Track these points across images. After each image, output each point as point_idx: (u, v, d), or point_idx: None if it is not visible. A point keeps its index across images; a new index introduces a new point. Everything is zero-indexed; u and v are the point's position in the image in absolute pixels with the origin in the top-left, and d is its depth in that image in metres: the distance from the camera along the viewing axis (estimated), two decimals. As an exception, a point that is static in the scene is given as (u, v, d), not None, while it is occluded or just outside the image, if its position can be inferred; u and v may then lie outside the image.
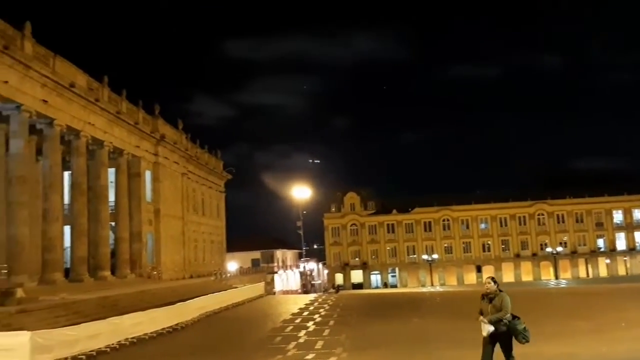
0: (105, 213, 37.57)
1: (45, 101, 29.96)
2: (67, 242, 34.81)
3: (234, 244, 73.46)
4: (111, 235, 39.13)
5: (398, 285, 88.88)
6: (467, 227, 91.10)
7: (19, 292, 21.80)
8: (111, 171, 39.62)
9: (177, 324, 23.88)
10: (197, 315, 27.19)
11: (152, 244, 45.17)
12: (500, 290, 10.17)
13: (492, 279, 10.41)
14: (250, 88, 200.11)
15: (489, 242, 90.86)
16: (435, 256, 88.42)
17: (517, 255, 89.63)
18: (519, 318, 9.99)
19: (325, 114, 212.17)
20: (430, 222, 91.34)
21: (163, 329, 22.50)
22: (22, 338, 14.70)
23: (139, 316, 21.35)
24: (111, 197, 39.44)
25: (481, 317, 10.01)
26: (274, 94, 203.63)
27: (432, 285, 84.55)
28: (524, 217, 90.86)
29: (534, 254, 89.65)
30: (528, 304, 24.18)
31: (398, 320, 25.14)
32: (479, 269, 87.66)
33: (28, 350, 14.53)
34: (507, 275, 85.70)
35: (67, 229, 34.58)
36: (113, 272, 37.99)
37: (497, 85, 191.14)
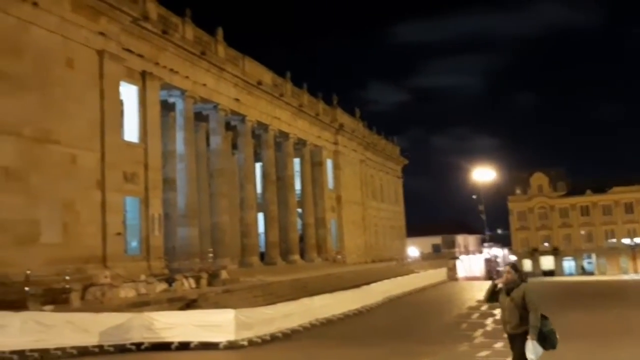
0: (293, 200, 40.13)
1: (237, 100, 32.80)
2: (260, 228, 37.79)
3: (414, 229, 73.53)
4: (299, 222, 41.64)
5: (595, 272, 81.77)
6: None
7: (224, 274, 24.25)
8: (296, 161, 42.11)
9: (362, 307, 24.71)
10: (381, 299, 27.85)
11: (336, 229, 47.14)
12: (523, 281, 8.15)
13: (513, 266, 8.37)
14: (425, 71, 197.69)
15: None
16: (638, 240, 79.63)
17: None
18: (546, 318, 8.08)
19: (506, 91, 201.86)
20: (631, 203, 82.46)
21: (349, 310, 23.42)
22: (228, 315, 16.33)
23: (327, 298, 22.48)
24: (297, 185, 41.97)
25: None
26: (449, 76, 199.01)
27: (635, 272, 76.35)
28: None
29: None
30: None
31: (601, 309, 23.17)
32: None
33: (233, 326, 16.13)
34: None
35: (260, 216, 37.54)
36: (302, 256, 40.47)
37: None
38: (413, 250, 70.38)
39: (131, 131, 24.80)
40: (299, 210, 41.83)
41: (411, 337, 18.33)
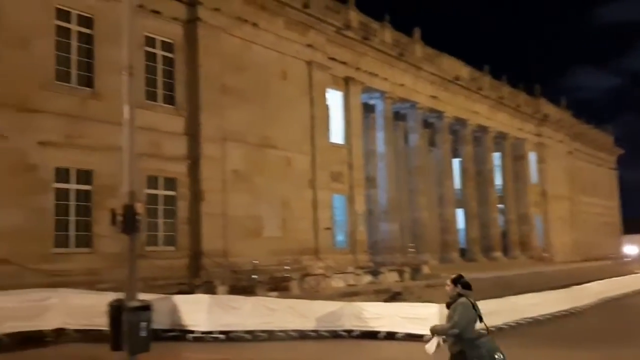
0: (493, 196, 39.19)
1: (434, 97, 33.11)
2: (459, 224, 37.58)
3: (632, 225, 66.31)
4: (500, 218, 40.50)
5: None
6: None
7: (425, 269, 24.87)
8: (496, 155, 40.97)
9: (572, 308, 23.38)
10: (594, 301, 25.99)
11: (541, 225, 44.82)
12: (460, 295, 7.05)
13: (453, 278, 7.21)
14: (636, 53, 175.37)
15: None
16: None
17: None
18: (488, 336, 6.94)
19: None
20: None
21: (558, 311, 22.35)
22: (432, 309, 16.81)
23: (533, 297, 21.74)
24: (497, 180, 40.83)
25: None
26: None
27: None
28: None
29: None
30: None
31: None
32: None
33: (437, 320, 16.58)
34: None
35: (459, 212, 37.35)
36: (504, 253, 39.34)
37: None
38: (631, 249, 63.58)
39: (337, 134, 26.67)
40: (500, 206, 40.65)
41: (631, 341, 17.02)
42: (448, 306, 7.16)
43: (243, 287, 17.57)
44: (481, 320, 6.99)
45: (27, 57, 15.61)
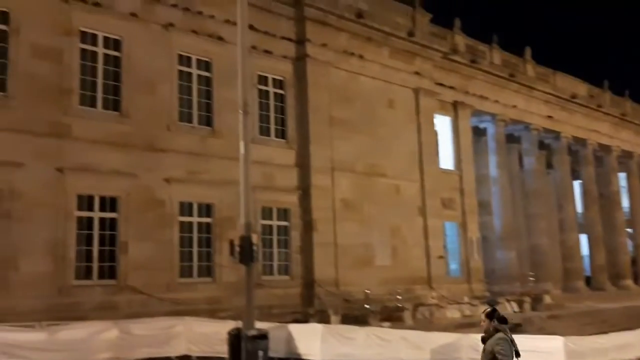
0: (620, 219, 36.43)
1: (549, 117, 31.63)
2: (583, 250, 35.23)
3: None
4: (629, 242, 37.47)
5: None
6: None
7: (547, 298, 23.56)
8: (621, 176, 38.16)
9: None
10: None
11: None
12: (497, 330, 6.95)
13: (488, 312, 7.09)
14: None
15: None
16: None
17: None
18: None
19: None
20: None
21: None
22: (556, 342, 15.82)
23: (672, 331, 19.82)
24: (624, 202, 37.92)
25: None
26: None
27: None
28: None
29: None
30: None
31: None
32: None
33: (563, 354, 15.56)
34: None
35: (582, 238, 35.05)
36: (635, 281, 36.25)
37: None
38: None
39: (446, 159, 26.23)
40: (629, 230, 37.62)
41: None
42: (484, 341, 7.17)
43: (355, 316, 17.61)
44: (518, 355, 7.01)
45: (154, 100, 17.01)
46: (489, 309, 7.25)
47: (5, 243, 13.99)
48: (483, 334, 7.21)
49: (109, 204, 15.97)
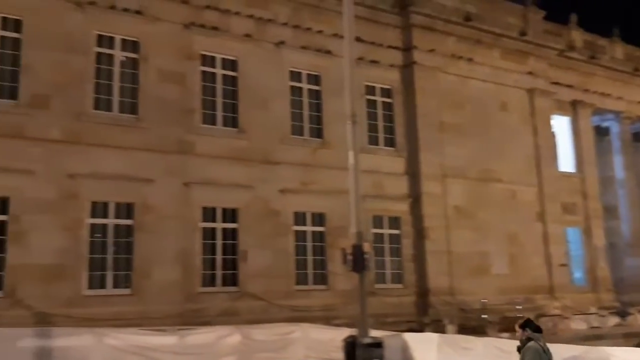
0: None
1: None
2: None
3: None
4: None
5: None
6: None
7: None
8: None
9: None
10: None
11: None
12: (529, 339, 7.11)
13: (521, 322, 7.28)
14: None
15: None
16: None
17: None
18: None
19: None
20: None
21: None
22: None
23: None
24: None
25: None
26: None
27: None
28: None
29: None
30: None
31: None
32: None
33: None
34: None
35: None
36: None
37: None
38: None
39: (566, 162, 24.90)
40: None
41: None
42: (519, 350, 7.30)
43: (472, 326, 17.21)
44: None
45: (268, 115, 17.81)
46: (522, 320, 7.38)
47: (140, 253, 15.30)
48: (518, 344, 7.36)
49: (229, 215, 16.92)
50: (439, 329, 16.38)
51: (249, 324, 13.92)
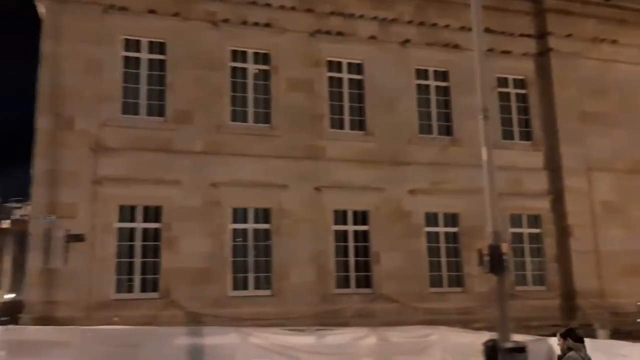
0: None
1: None
2: None
3: None
4: None
5: None
6: None
7: None
8: None
9: None
10: None
11: None
12: (570, 349, 7.01)
13: (563, 332, 7.28)
14: None
15: None
16: None
17: None
18: None
19: None
20: None
21: None
22: None
23: None
24: None
25: None
26: None
27: None
28: None
29: None
30: None
31: None
32: None
33: None
34: None
35: None
36: None
37: None
38: None
39: None
40: None
41: None
42: None
43: (628, 331, 15.79)
44: None
45: (395, 116, 17.72)
46: (564, 329, 7.54)
47: (277, 256, 15.95)
48: (559, 354, 7.40)
49: (360, 217, 17.06)
50: (589, 334, 15.18)
51: (383, 326, 13.91)
